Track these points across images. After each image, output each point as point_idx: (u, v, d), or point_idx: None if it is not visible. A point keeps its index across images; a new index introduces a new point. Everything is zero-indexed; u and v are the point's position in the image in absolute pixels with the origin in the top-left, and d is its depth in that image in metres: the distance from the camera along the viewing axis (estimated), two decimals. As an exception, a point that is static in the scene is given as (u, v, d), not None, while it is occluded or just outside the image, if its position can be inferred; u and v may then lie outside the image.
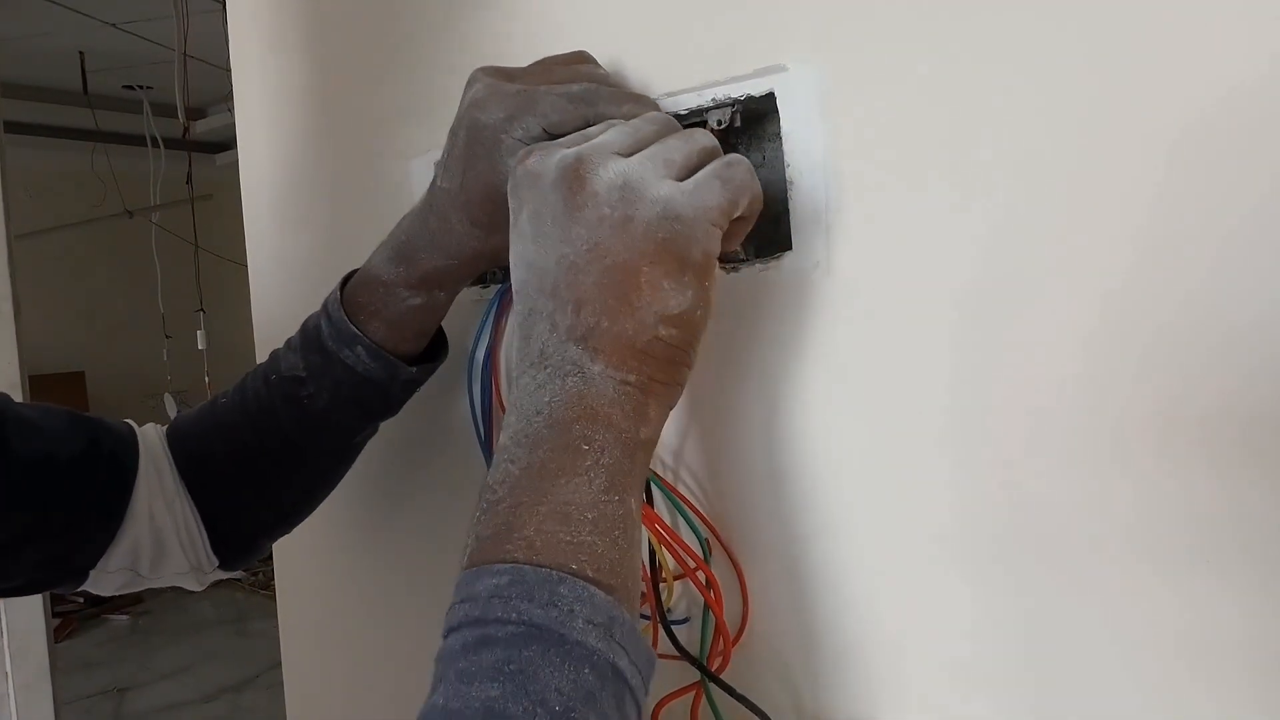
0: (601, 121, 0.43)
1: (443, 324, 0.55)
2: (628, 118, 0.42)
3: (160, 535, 0.55)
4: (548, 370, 0.35)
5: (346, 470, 0.60)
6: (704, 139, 0.39)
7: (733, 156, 0.39)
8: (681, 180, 0.37)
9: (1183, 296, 0.35)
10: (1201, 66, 0.34)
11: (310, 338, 0.54)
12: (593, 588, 0.31)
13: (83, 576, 0.54)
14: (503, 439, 0.35)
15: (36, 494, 0.50)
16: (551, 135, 0.44)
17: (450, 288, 0.52)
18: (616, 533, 0.33)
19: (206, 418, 0.58)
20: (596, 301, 0.35)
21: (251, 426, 0.55)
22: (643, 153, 0.38)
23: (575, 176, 0.36)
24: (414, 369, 0.53)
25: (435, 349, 0.56)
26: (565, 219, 0.36)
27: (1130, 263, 0.36)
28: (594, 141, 0.38)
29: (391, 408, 0.56)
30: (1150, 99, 0.35)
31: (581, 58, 0.47)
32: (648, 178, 0.36)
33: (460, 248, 0.48)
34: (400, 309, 0.51)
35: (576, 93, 0.43)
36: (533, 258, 0.36)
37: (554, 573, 0.31)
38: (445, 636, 0.32)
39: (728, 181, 0.37)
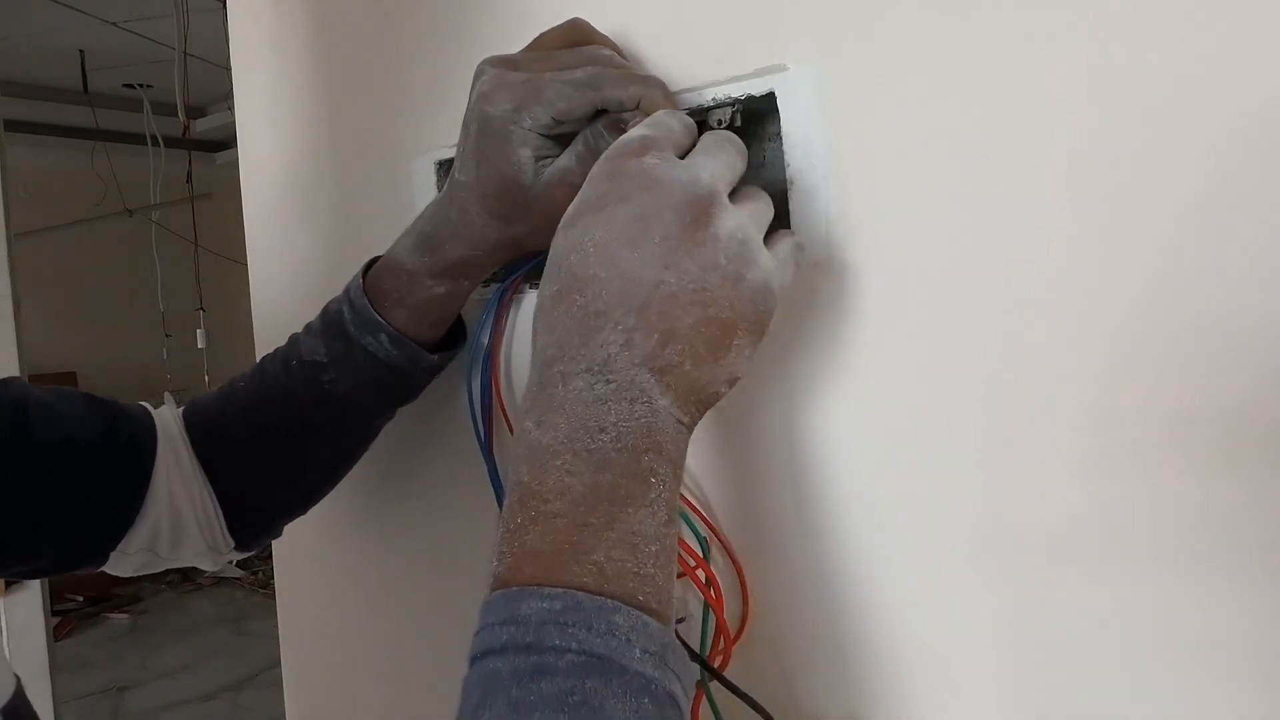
0: (609, 104, 0.43)
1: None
2: (633, 101, 0.43)
3: (179, 517, 0.55)
4: (612, 386, 0.34)
5: (365, 451, 0.60)
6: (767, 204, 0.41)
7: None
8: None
9: (1204, 298, 0.35)
10: (1214, 70, 0.34)
11: (332, 323, 0.54)
12: (646, 616, 0.31)
13: (103, 558, 0.54)
14: (545, 438, 0.34)
15: (58, 478, 0.51)
16: (561, 123, 0.44)
17: (474, 277, 0.52)
18: (670, 566, 0.34)
19: (225, 400, 0.58)
20: (687, 344, 0.35)
21: (271, 410, 0.56)
22: (747, 209, 0.38)
23: (703, 213, 0.35)
24: (435, 356, 0.54)
25: (453, 336, 0.56)
26: (678, 246, 0.35)
27: (1150, 264, 0.36)
28: (707, 175, 0.37)
29: (412, 393, 0.56)
30: (1151, 95, 0.35)
31: (580, 33, 0.47)
32: (755, 241, 0.37)
33: (482, 239, 0.49)
34: (424, 297, 0.51)
35: (581, 79, 0.44)
36: (622, 259, 0.35)
37: (608, 601, 0.31)
38: (479, 659, 0.31)
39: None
